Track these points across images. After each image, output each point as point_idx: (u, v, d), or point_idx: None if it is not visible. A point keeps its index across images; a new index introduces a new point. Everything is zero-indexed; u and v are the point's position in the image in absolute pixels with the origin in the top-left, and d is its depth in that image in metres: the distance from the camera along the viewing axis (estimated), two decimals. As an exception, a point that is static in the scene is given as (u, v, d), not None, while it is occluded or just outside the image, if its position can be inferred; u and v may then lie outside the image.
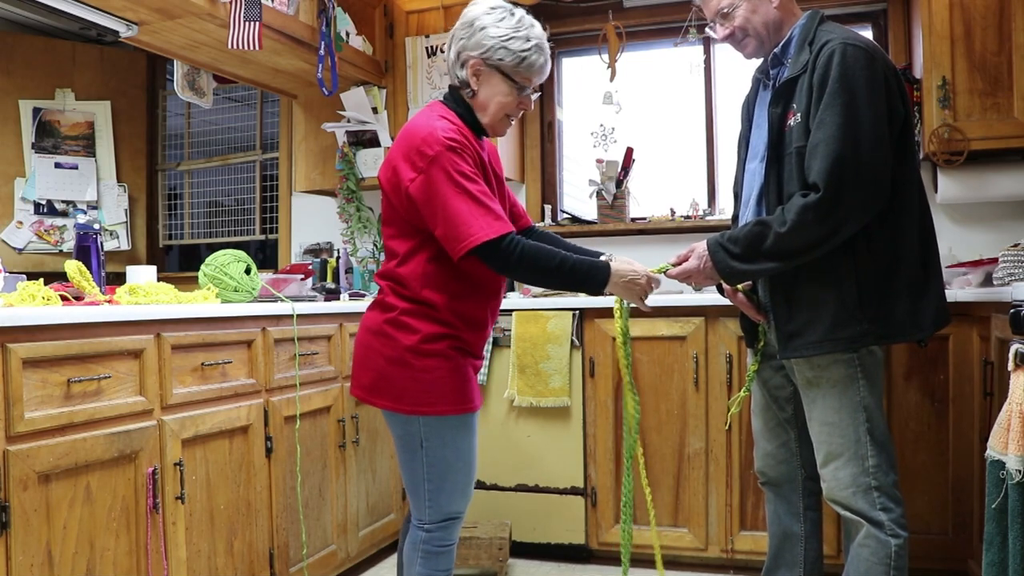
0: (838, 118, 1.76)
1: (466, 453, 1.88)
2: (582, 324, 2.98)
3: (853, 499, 1.88)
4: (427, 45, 3.56)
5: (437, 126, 1.76)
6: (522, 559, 3.03)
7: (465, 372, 1.86)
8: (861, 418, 1.87)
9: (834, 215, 1.76)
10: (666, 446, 2.90)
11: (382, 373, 1.83)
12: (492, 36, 1.79)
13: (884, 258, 1.84)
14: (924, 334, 1.88)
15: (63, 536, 1.70)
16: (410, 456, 1.87)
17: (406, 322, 1.81)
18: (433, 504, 1.87)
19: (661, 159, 3.71)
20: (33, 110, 3.88)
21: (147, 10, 2.53)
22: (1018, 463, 1.60)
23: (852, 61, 1.78)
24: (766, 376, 2.12)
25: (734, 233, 1.88)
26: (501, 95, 1.83)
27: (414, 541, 1.91)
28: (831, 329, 1.85)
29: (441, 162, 1.72)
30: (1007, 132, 2.82)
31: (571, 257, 1.79)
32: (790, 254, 1.82)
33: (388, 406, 1.85)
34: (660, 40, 3.65)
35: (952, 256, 3.08)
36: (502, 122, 1.88)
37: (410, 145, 1.76)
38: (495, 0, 1.86)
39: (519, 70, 1.81)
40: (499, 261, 1.74)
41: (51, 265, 3.80)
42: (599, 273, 1.82)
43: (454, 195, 1.71)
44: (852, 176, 1.75)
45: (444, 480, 1.86)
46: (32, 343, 1.65)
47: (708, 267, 1.90)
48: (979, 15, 2.84)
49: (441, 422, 1.83)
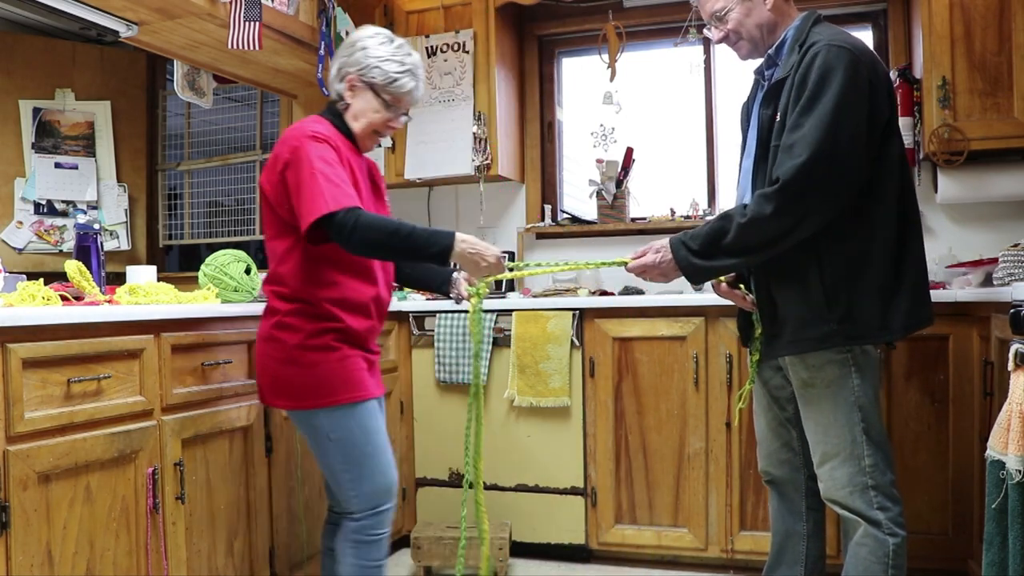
0: (813, 119, 1.76)
1: (373, 435, 1.96)
2: (582, 324, 2.98)
3: (850, 498, 1.88)
4: (427, 45, 3.57)
5: (306, 125, 1.93)
6: (522, 559, 3.03)
7: (354, 362, 1.95)
8: (856, 418, 1.87)
9: (794, 209, 1.76)
10: (666, 446, 2.90)
11: (276, 375, 1.94)
12: (370, 56, 1.97)
13: (853, 258, 1.83)
14: (893, 336, 1.86)
15: (63, 536, 1.70)
16: (323, 451, 1.96)
17: (289, 323, 1.92)
18: (357, 493, 1.95)
19: (661, 159, 3.72)
20: (33, 110, 3.88)
21: (147, 10, 2.53)
22: (1018, 463, 1.60)
23: (834, 61, 1.78)
24: (767, 376, 2.12)
25: (697, 230, 1.89)
26: (371, 110, 1.99)
27: (345, 535, 1.97)
28: (798, 329, 1.86)
29: (304, 149, 1.85)
30: (1007, 132, 2.82)
31: (411, 224, 1.84)
32: (749, 249, 1.82)
33: (288, 405, 1.96)
34: (660, 40, 3.65)
35: (952, 256, 3.08)
36: (370, 137, 2.04)
37: (281, 143, 1.91)
38: (380, 29, 2.05)
39: (389, 89, 1.98)
40: (340, 233, 1.79)
41: (51, 265, 3.80)
42: (441, 239, 1.83)
43: (309, 176, 1.82)
44: (819, 173, 1.74)
45: (361, 467, 1.94)
46: (32, 343, 1.65)
47: (667, 263, 1.90)
48: (979, 15, 2.84)
49: (341, 412, 1.92)
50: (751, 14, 1.97)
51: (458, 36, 3.53)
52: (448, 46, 3.55)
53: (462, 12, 3.55)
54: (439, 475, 3.16)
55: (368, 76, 1.97)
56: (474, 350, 2.07)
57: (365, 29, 2.04)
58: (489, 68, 3.50)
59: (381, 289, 2.05)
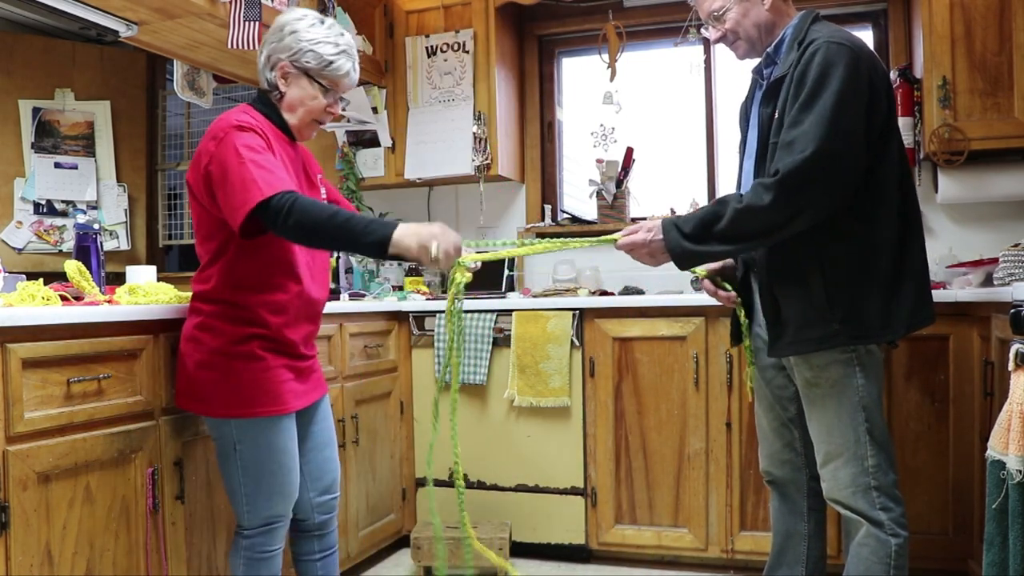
0: (813, 115, 1.75)
1: (280, 455, 1.87)
2: (582, 324, 2.98)
3: (853, 499, 1.87)
4: (427, 45, 3.57)
5: (232, 115, 1.81)
6: (522, 559, 3.03)
7: (277, 373, 1.85)
8: (860, 418, 1.86)
9: (791, 202, 1.75)
10: (666, 446, 2.90)
11: (192, 378, 1.85)
12: (301, 40, 1.85)
13: (855, 258, 1.83)
14: (896, 335, 1.86)
15: (63, 536, 1.69)
16: (225, 459, 1.88)
17: (212, 325, 1.82)
18: (251, 507, 1.87)
19: (661, 159, 3.71)
20: (33, 110, 3.88)
21: (147, 10, 2.53)
22: (1018, 463, 1.60)
23: (834, 58, 1.78)
24: (769, 376, 2.12)
25: (691, 214, 1.87)
26: (308, 97, 1.88)
27: (236, 550, 1.90)
28: (800, 329, 1.86)
29: (230, 139, 1.74)
30: (1007, 132, 2.82)
31: (348, 212, 1.72)
32: (742, 237, 1.80)
33: (200, 410, 1.88)
34: (660, 40, 3.65)
35: (952, 256, 3.08)
36: (309, 126, 1.93)
37: (206, 136, 1.81)
38: (307, 10, 1.93)
39: (325, 73, 1.87)
40: (276, 218, 1.67)
41: (51, 265, 3.80)
42: (379, 228, 1.67)
43: (238, 165, 1.71)
44: (819, 169, 1.74)
45: (259, 482, 1.85)
46: (32, 343, 1.64)
47: (656, 244, 1.86)
48: (979, 15, 2.84)
49: (252, 424, 1.83)
50: (748, 14, 1.96)
51: (458, 36, 3.53)
52: (448, 46, 3.55)
53: (462, 12, 3.55)
54: (439, 475, 3.16)
55: (302, 61, 1.85)
56: (448, 344, 1.91)
57: (292, 11, 1.92)
58: (489, 68, 3.50)
59: (312, 289, 1.92)
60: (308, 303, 1.92)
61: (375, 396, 2.98)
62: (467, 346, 3.08)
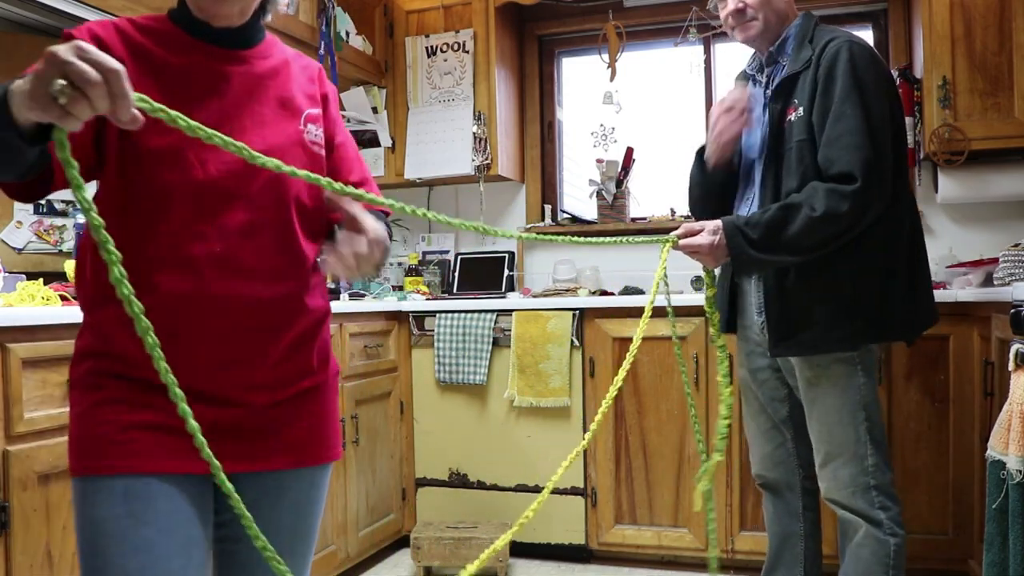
0: (859, 110, 1.76)
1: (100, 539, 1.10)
2: (582, 324, 2.98)
3: (852, 498, 1.88)
4: (427, 45, 3.57)
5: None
6: (522, 559, 3.03)
7: (104, 414, 1.13)
8: (861, 417, 1.87)
9: (864, 204, 1.75)
10: (666, 446, 2.89)
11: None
12: None
13: (880, 257, 1.84)
14: (917, 333, 1.89)
15: (63, 536, 1.69)
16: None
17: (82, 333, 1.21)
18: None
19: (661, 159, 3.71)
20: (33, 110, 3.88)
21: (147, 10, 2.53)
22: (1019, 463, 1.60)
23: (861, 59, 1.80)
24: (763, 378, 2.11)
25: (754, 217, 1.81)
26: None
27: None
28: (826, 329, 1.85)
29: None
30: (1007, 132, 2.82)
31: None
32: (810, 247, 1.78)
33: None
34: (660, 40, 3.65)
35: (952, 256, 3.08)
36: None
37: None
38: None
39: None
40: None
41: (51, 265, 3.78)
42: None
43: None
44: (878, 166, 1.76)
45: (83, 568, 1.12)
46: (32, 343, 1.64)
47: (721, 248, 1.81)
48: (979, 15, 2.84)
49: (75, 484, 1.15)
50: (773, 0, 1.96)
51: (458, 36, 3.53)
52: (448, 46, 3.55)
53: (462, 12, 3.55)
54: (439, 475, 3.16)
55: None
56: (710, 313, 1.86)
57: None
58: (489, 68, 3.50)
59: (211, 284, 1.14)
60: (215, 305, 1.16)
61: (375, 396, 2.98)
62: (467, 346, 3.08)
